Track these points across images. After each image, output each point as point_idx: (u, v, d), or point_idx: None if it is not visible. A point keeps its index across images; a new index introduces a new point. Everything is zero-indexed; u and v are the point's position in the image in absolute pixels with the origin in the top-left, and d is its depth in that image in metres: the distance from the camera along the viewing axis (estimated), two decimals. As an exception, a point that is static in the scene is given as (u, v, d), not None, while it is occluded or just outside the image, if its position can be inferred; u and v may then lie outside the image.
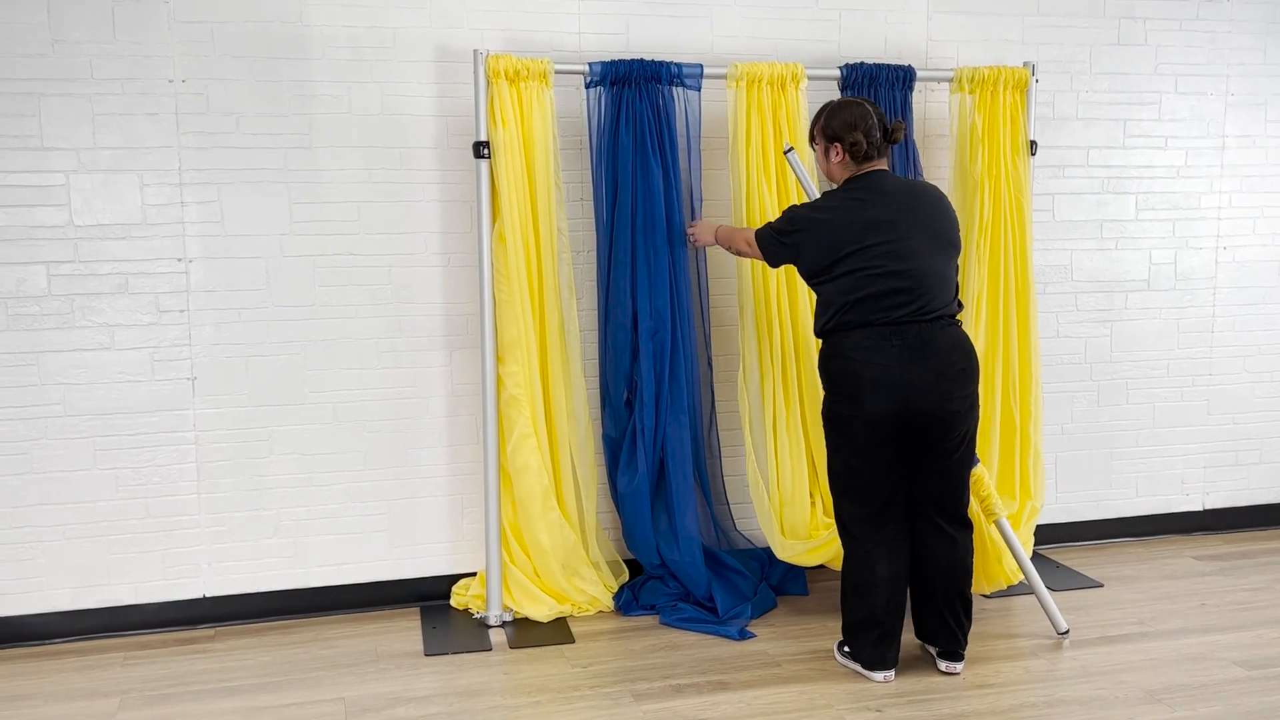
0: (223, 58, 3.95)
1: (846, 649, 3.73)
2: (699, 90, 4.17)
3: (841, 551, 3.75)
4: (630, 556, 4.38)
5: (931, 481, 3.59)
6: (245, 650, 3.95)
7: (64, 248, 3.89)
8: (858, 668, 3.68)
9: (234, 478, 4.11)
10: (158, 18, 3.88)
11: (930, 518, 3.63)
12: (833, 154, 3.61)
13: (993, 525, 4.06)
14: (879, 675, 3.64)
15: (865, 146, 3.55)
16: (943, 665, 3.71)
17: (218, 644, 4.01)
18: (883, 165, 3.62)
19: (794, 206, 3.68)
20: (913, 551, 3.65)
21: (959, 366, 3.51)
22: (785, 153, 4.01)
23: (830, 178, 3.70)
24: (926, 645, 3.78)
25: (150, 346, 3.99)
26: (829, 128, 3.62)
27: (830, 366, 3.58)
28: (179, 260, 3.99)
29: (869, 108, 3.60)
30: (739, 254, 3.97)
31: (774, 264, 3.81)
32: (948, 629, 3.69)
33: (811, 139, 3.72)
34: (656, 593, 4.23)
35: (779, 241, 3.66)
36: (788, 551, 4.25)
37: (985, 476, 4.02)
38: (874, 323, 3.48)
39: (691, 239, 4.15)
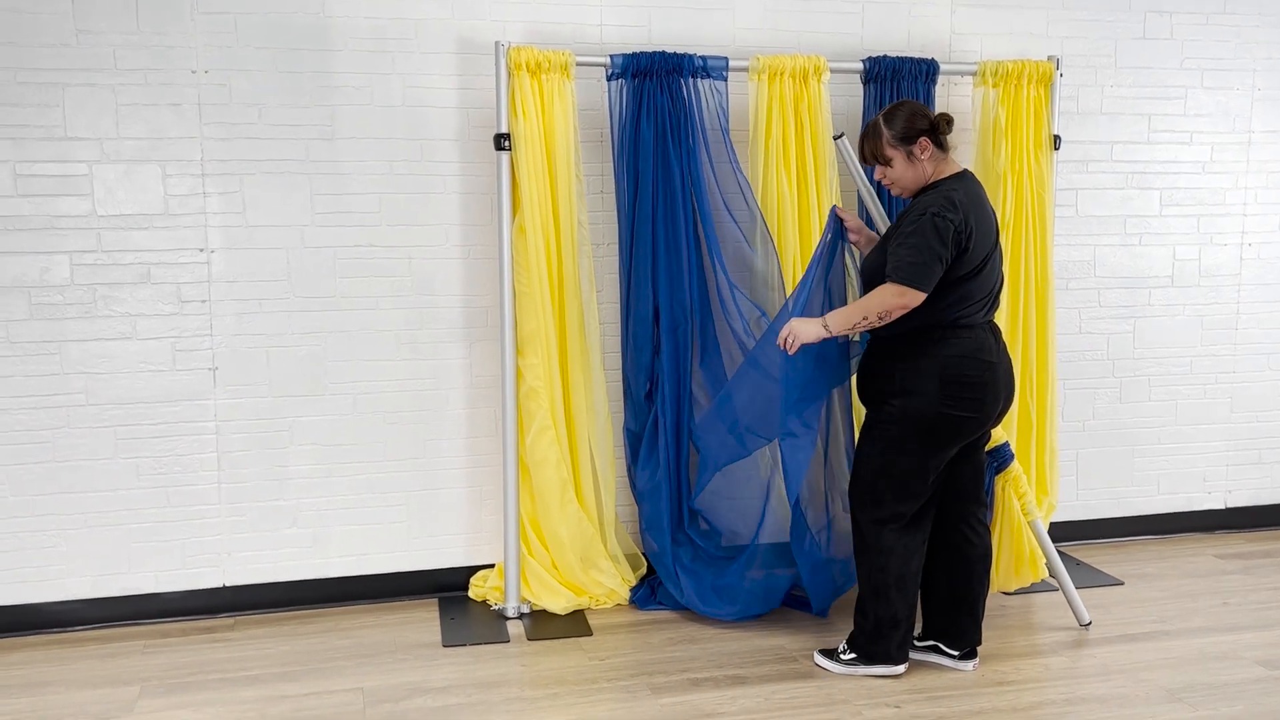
0: (245, 48, 3.96)
1: (852, 654, 3.66)
2: (725, 80, 4.15)
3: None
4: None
5: (966, 467, 3.61)
6: (264, 639, 3.97)
7: (87, 237, 3.90)
8: (867, 670, 3.63)
9: (254, 468, 4.13)
10: (181, 8, 3.89)
11: (967, 507, 3.63)
12: (919, 151, 3.45)
13: (1029, 524, 4.05)
14: (901, 668, 3.63)
15: (947, 127, 3.46)
16: (968, 665, 3.69)
17: (237, 633, 4.03)
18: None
19: (930, 217, 3.34)
20: (951, 548, 3.64)
21: None
22: (836, 139, 3.84)
23: (921, 180, 3.50)
24: (945, 648, 3.73)
25: (172, 336, 4.01)
26: (897, 132, 3.46)
27: (957, 367, 3.42)
28: (201, 250, 4.01)
29: (906, 101, 3.58)
30: (880, 320, 3.42)
31: (931, 287, 3.35)
32: (976, 624, 3.68)
33: (879, 160, 3.52)
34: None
35: (938, 255, 3.32)
36: None
37: (1023, 476, 4.01)
38: (980, 323, 3.49)
39: (786, 344, 3.56)
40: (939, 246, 3.33)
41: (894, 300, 3.37)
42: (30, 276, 3.88)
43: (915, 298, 3.35)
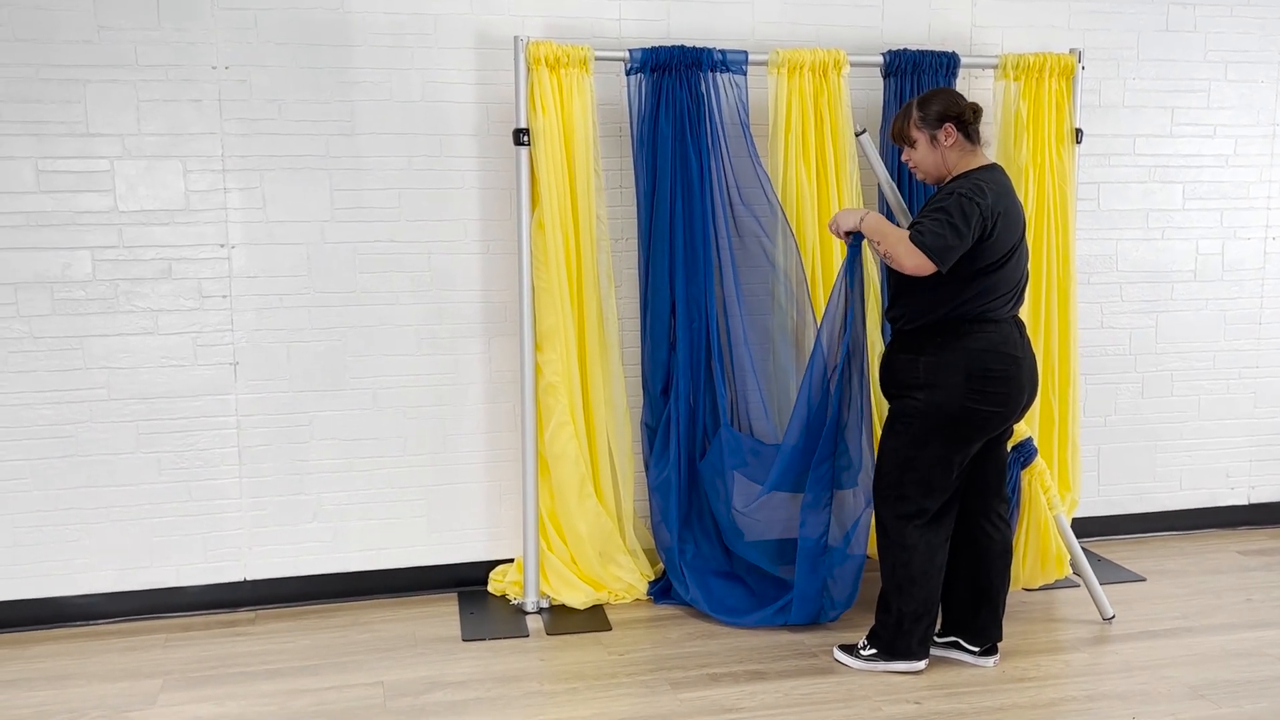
0: (265, 44, 3.97)
1: (873, 650, 3.64)
2: (745, 74, 4.14)
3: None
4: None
5: (989, 463, 3.60)
6: (285, 633, 3.98)
7: (109, 233, 3.92)
8: (888, 666, 3.62)
9: (275, 462, 4.14)
10: (201, 4, 3.90)
11: (989, 502, 3.63)
12: (944, 137, 3.45)
13: (1053, 520, 4.02)
14: (922, 664, 3.62)
15: (974, 117, 3.47)
16: (989, 661, 3.68)
17: (258, 627, 4.05)
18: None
19: (958, 196, 3.33)
20: (972, 543, 3.63)
21: None
22: (858, 135, 3.77)
23: (943, 169, 3.50)
24: (965, 644, 3.71)
25: (193, 331, 4.03)
26: (928, 115, 3.46)
27: (982, 361, 3.41)
28: (222, 246, 4.02)
29: (945, 89, 3.57)
30: (884, 255, 3.44)
31: (946, 265, 3.32)
32: (996, 620, 3.66)
33: (904, 140, 3.53)
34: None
35: (960, 233, 3.29)
36: None
37: (1046, 471, 3.98)
38: (1005, 317, 3.48)
39: (832, 226, 3.66)
40: (962, 225, 3.30)
41: (906, 256, 3.33)
42: (53, 272, 3.90)
43: (926, 266, 3.32)
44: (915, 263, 3.33)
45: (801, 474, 3.87)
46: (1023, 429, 3.91)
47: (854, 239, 3.65)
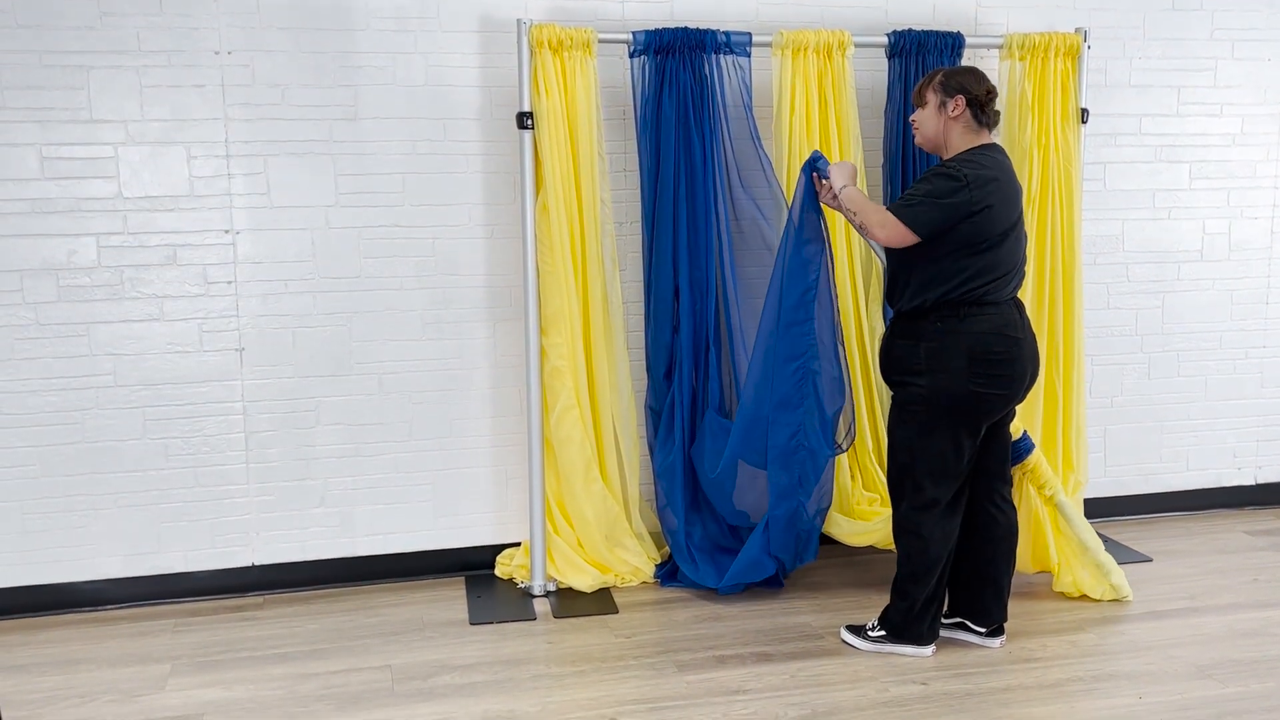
0: (268, 29, 3.96)
1: (882, 631, 3.65)
2: (749, 56, 4.12)
3: (889, 533, 3.74)
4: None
5: (993, 444, 3.60)
6: (293, 618, 4.00)
7: (113, 219, 3.93)
8: (895, 649, 3.62)
9: (281, 448, 4.15)
10: (203, -10, 3.90)
11: (993, 485, 3.63)
12: (952, 108, 3.44)
13: (1049, 509, 4.01)
14: (929, 650, 3.63)
15: (987, 99, 3.45)
16: (995, 642, 3.68)
17: (266, 612, 4.06)
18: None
19: (942, 171, 3.37)
20: (977, 526, 3.62)
21: None
22: (815, 161, 3.68)
23: (940, 139, 3.49)
24: (971, 624, 3.71)
25: (199, 318, 4.03)
26: (948, 84, 3.45)
27: (984, 344, 3.40)
28: (226, 232, 4.02)
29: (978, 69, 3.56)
30: (859, 226, 3.48)
31: (924, 233, 3.35)
32: (1001, 602, 3.66)
33: (919, 99, 3.52)
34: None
35: (939, 204, 3.32)
36: (841, 530, 4.24)
37: (1043, 467, 3.95)
38: (1004, 300, 3.47)
39: (821, 186, 3.64)
40: (943, 196, 3.32)
41: (878, 226, 3.39)
42: (58, 259, 3.90)
43: (897, 232, 3.35)
44: (887, 233, 3.38)
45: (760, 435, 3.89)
46: (1016, 426, 3.89)
47: (810, 173, 3.65)
